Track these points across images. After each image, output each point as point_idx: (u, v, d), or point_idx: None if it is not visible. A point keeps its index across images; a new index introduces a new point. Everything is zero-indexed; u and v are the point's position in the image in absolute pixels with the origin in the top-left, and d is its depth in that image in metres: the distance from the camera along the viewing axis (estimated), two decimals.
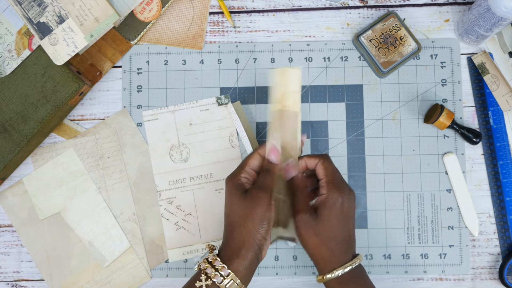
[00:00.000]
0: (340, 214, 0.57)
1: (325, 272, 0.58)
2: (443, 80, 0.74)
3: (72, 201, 0.73)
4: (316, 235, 0.57)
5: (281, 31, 0.75)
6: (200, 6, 0.75)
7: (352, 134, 0.74)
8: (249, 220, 0.56)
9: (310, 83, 0.74)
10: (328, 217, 0.57)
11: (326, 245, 0.57)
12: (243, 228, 0.57)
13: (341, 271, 0.57)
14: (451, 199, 0.73)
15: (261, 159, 0.61)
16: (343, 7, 0.75)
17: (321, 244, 0.57)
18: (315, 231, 0.57)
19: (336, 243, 0.57)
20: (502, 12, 0.62)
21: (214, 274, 0.55)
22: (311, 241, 0.58)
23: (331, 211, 0.57)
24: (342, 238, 0.57)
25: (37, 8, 0.68)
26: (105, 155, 0.74)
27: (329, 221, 0.57)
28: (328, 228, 0.57)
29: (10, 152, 0.69)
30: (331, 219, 0.57)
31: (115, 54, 0.74)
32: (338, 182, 0.58)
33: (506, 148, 0.73)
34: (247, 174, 0.60)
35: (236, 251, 0.56)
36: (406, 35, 0.72)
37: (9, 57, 0.70)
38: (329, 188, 0.58)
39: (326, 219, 0.57)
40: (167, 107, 0.74)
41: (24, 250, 0.74)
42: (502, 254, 0.72)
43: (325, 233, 0.57)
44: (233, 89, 0.75)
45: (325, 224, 0.57)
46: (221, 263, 0.56)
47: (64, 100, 0.69)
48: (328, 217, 0.57)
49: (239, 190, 0.58)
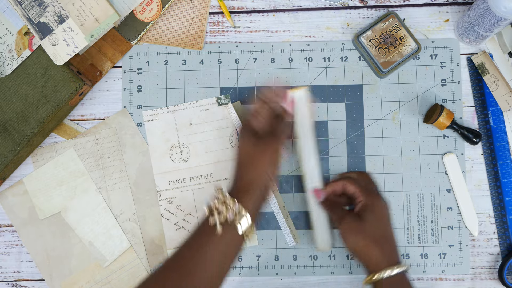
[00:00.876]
0: (382, 215, 0.62)
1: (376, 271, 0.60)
2: (443, 80, 0.74)
3: (72, 201, 0.73)
4: (364, 236, 0.61)
5: (281, 31, 0.75)
6: (200, 6, 0.75)
7: (352, 134, 0.74)
8: (260, 162, 0.60)
9: (310, 83, 0.74)
10: (372, 217, 0.62)
11: (375, 244, 0.60)
12: (254, 168, 0.60)
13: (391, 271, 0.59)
14: (451, 199, 0.73)
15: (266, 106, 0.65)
16: (343, 7, 0.75)
17: (370, 244, 0.60)
18: (362, 233, 0.61)
19: (384, 241, 0.61)
20: (502, 12, 0.62)
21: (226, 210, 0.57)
22: (360, 243, 0.61)
23: (374, 212, 0.62)
24: (384, 235, 0.61)
25: (37, 8, 0.68)
26: (105, 155, 0.74)
27: (374, 222, 0.61)
28: (374, 228, 0.61)
29: (10, 152, 0.69)
30: (375, 220, 0.62)
31: (115, 54, 0.74)
32: (371, 190, 0.65)
33: (506, 148, 0.73)
34: (256, 120, 0.65)
35: (245, 188, 0.59)
36: (406, 35, 0.72)
37: (10, 57, 0.70)
38: (364, 194, 0.64)
39: (371, 219, 0.61)
40: (167, 107, 0.74)
41: (24, 250, 0.74)
42: (502, 254, 0.72)
43: (373, 233, 0.61)
44: (233, 89, 0.75)
45: (371, 224, 0.61)
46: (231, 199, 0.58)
47: (64, 100, 0.69)
48: (372, 217, 0.62)
49: (250, 134, 0.63)
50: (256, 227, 0.57)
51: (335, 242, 0.72)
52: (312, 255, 0.73)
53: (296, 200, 0.73)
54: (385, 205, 0.64)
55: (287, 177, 0.73)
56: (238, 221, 0.56)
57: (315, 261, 0.73)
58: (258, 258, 0.73)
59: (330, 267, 0.72)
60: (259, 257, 0.73)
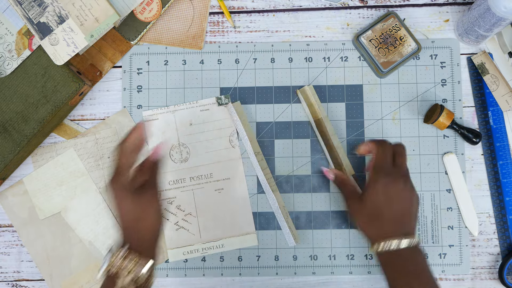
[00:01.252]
0: (383, 195, 0.61)
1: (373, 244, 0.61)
2: (443, 80, 0.74)
3: (72, 201, 0.73)
4: (363, 215, 0.62)
5: (281, 31, 0.75)
6: (200, 6, 0.75)
7: (352, 134, 0.74)
8: (147, 220, 0.58)
9: (310, 83, 0.74)
10: (371, 197, 0.61)
11: (373, 223, 0.61)
12: (141, 228, 0.58)
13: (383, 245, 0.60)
14: (451, 199, 0.73)
15: (133, 155, 0.60)
16: (343, 7, 0.75)
17: (368, 223, 0.62)
18: (362, 212, 0.62)
19: (382, 222, 0.61)
20: (502, 12, 0.62)
21: (132, 268, 0.55)
22: (360, 221, 0.63)
23: (373, 193, 0.61)
24: (390, 217, 0.61)
25: (37, 8, 0.68)
26: (105, 155, 0.74)
27: (373, 202, 0.61)
28: (372, 209, 0.61)
29: (10, 152, 0.69)
30: (375, 200, 0.61)
31: (115, 54, 0.74)
32: (385, 167, 0.62)
33: (506, 148, 0.73)
34: (125, 177, 0.58)
35: (142, 246, 0.58)
36: (406, 35, 0.72)
37: (10, 57, 0.70)
38: (373, 171, 0.63)
39: (369, 199, 0.62)
40: (167, 107, 0.74)
41: (24, 250, 0.74)
42: (502, 254, 0.72)
43: (371, 213, 0.61)
44: (233, 89, 0.75)
45: (368, 204, 0.62)
46: (135, 255, 0.56)
47: (64, 100, 0.69)
48: (371, 198, 0.61)
49: (127, 192, 0.58)
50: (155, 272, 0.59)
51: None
52: (312, 255, 0.73)
53: (296, 200, 0.73)
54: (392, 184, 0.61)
55: (287, 177, 0.73)
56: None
57: (315, 261, 0.73)
58: (258, 258, 0.73)
59: (330, 267, 0.72)
60: (259, 257, 0.73)
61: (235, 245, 0.73)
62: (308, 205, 0.73)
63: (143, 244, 0.58)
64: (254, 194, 0.73)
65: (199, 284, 0.73)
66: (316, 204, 0.73)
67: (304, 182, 0.73)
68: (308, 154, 0.74)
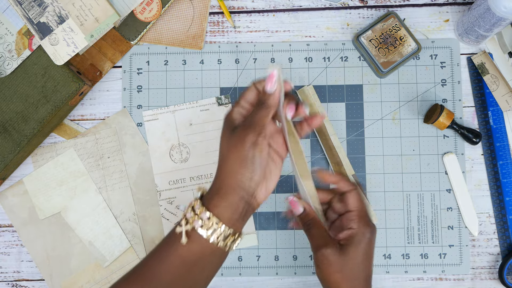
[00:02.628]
0: (367, 251, 0.53)
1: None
2: (443, 80, 0.74)
3: (72, 201, 0.73)
4: (339, 272, 0.52)
5: (281, 31, 0.75)
6: (200, 6, 0.75)
7: (352, 134, 0.74)
8: (231, 160, 0.49)
9: (310, 83, 0.74)
10: (355, 254, 0.53)
11: (348, 283, 0.53)
12: (224, 168, 0.50)
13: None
14: (451, 199, 0.73)
15: (257, 92, 0.53)
16: (343, 7, 0.75)
17: (342, 282, 0.53)
18: (338, 268, 0.52)
19: (358, 281, 0.53)
20: (502, 12, 0.62)
21: (193, 218, 0.49)
22: (332, 277, 0.53)
23: (359, 248, 0.53)
24: (364, 276, 0.54)
25: (37, 8, 0.68)
26: (105, 155, 0.74)
27: (356, 259, 0.53)
28: (353, 266, 0.52)
29: (10, 152, 0.69)
30: (358, 257, 0.53)
31: (115, 54, 0.74)
32: (367, 217, 0.54)
33: (506, 148, 0.73)
34: (241, 108, 0.52)
35: (219, 192, 0.50)
36: (406, 35, 0.72)
37: (10, 57, 0.70)
38: (360, 222, 0.54)
39: (353, 256, 0.52)
40: (167, 107, 0.74)
41: (24, 250, 0.74)
42: (502, 254, 0.72)
43: (350, 271, 0.52)
44: (233, 89, 0.75)
45: (350, 261, 0.52)
46: (200, 206, 0.49)
47: (64, 100, 0.69)
48: (355, 254, 0.53)
49: (229, 126, 0.51)
50: (241, 237, 0.51)
51: None
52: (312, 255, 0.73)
53: None
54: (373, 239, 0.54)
55: (287, 177, 0.73)
56: (207, 230, 0.48)
57: None
58: (258, 258, 0.73)
59: None
60: (259, 257, 0.73)
61: None
62: None
63: (219, 194, 0.50)
64: None
65: None
66: None
67: None
68: (308, 154, 0.74)
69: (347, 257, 0.52)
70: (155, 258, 0.51)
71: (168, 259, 0.50)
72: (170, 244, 0.50)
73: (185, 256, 0.49)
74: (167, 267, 0.50)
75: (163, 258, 0.50)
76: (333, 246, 0.53)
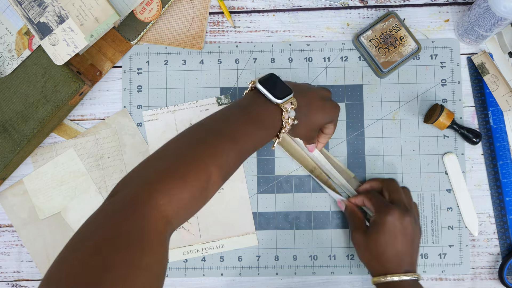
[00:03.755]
0: (390, 232, 0.63)
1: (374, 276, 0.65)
2: (443, 80, 0.74)
3: (72, 201, 0.73)
4: (368, 250, 0.65)
5: (281, 31, 0.75)
6: (200, 6, 0.75)
7: (352, 134, 0.74)
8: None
9: (310, 83, 0.74)
10: (376, 235, 0.64)
11: (376, 259, 0.64)
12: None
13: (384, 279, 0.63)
14: (451, 199, 0.73)
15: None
16: (343, 7, 0.75)
17: (372, 259, 0.65)
18: (366, 247, 0.65)
19: (385, 258, 0.63)
20: (502, 12, 0.62)
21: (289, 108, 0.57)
22: (364, 255, 0.66)
23: (380, 231, 0.63)
24: (393, 252, 0.63)
25: (37, 8, 0.68)
26: (105, 155, 0.74)
27: (376, 239, 0.64)
28: (376, 245, 0.64)
29: (10, 152, 0.69)
30: (378, 238, 0.63)
31: (115, 54, 0.74)
32: (385, 205, 0.65)
33: (506, 148, 0.73)
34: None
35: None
36: (406, 35, 0.72)
37: (9, 57, 0.70)
38: (376, 212, 0.65)
39: (374, 237, 0.64)
40: (167, 107, 0.74)
41: (24, 250, 0.74)
42: (502, 254, 0.72)
43: (374, 249, 0.64)
44: (233, 89, 0.75)
45: (373, 241, 0.64)
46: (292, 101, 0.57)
47: (64, 100, 0.69)
48: (375, 236, 0.64)
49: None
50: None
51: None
52: (312, 255, 0.73)
53: (296, 200, 0.73)
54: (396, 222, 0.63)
55: (287, 177, 0.73)
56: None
57: (315, 261, 0.73)
58: (258, 258, 0.73)
59: (330, 267, 0.72)
60: (259, 257, 0.73)
61: (235, 245, 0.73)
62: (308, 205, 0.73)
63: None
64: (254, 194, 0.73)
65: (199, 284, 0.73)
66: (316, 204, 0.73)
67: (304, 182, 0.73)
68: None
69: (369, 238, 0.65)
70: (253, 120, 0.55)
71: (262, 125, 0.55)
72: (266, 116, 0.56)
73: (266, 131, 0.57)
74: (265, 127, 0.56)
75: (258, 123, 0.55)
76: (361, 229, 0.67)
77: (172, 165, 0.47)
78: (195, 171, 0.47)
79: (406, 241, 0.63)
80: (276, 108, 0.56)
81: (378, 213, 0.64)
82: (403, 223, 0.63)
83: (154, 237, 0.43)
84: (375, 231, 0.64)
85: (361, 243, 0.66)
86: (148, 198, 0.44)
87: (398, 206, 0.65)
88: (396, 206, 0.65)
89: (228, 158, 0.51)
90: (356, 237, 0.67)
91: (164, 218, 0.44)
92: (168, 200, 0.45)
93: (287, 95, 0.56)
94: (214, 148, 0.50)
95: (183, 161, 0.48)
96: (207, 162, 0.48)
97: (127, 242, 0.41)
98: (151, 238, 0.42)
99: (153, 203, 0.44)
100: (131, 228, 0.42)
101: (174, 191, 0.45)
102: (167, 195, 0.45)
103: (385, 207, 0.64)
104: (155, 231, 0.43)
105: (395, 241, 0.63)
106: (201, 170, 0.48)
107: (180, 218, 0.47)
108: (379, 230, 0.63)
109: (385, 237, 0.63)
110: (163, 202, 0.44)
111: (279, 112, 0.56)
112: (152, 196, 0.44)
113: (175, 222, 0.46)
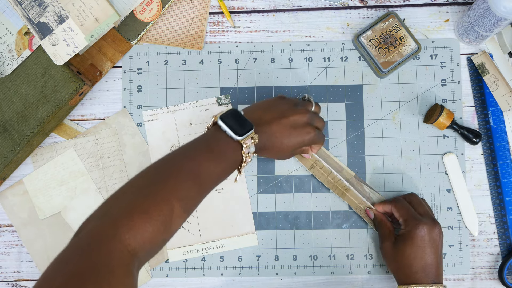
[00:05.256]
0: (418, 245, 0.64)
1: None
2: (443, 80, 0.74)
3: (72, 201, 0.73)
4: (396, 261, 0.65)
5: (281, 31, 0.75)
6: (200, 6, 0.75)
7: (352, 134, 0.74)
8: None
9: (310, 83, 0.74)
10: (404, 248, 0.64)
11: (402, 270, 0.65)
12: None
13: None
14: (451, 199, 0.73)
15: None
16: (343, 7, 0.75)
17: (398, 269, 0.65)
18: (395, 258, 0.66)
19: (411, 270, 0.64)
20: (502, 12, 0.62)
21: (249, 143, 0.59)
22: (391, 265, 0.67)
23: (406, 244, 0.64)
24: (421, 265, 0.64)
25: (37, 8, 0.68)
26: (105, 155, 0.74)
27: (404, 252, 0.64)
28: (403, 257, 0.64)
29: (10, 152, 0.69)
30: (406, 250, 0.64)
31: (115, 54, 0.74)
32: (414, 218, 0.65)
33: (506, 148, 0.73)
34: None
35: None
36: (406, 35, 0.72)
37: (10, 57, 0.70)
38: (405, 224, 0.66)
39: (402, 249, 0.65)
40: (167, 107, 0.74)
41: (24, 250, 0.74)
42: (502, 254, 0.72)
43: (401, 261, 0.65)
44: (233, 89, 0.75)
45: (400, 253, 0.65)
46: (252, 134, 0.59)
47: (64, 100, 0.69)
48: (404, 248, 0.64)
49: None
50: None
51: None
52: (312, 255, 0.73)
53: (296, 200, 0.73)
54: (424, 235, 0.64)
55: (287, 177, 0.73)
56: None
57: (315, 261, 0.73)
58: (258, 258, 0.73)
59: (330, 267, 0.73)
60: (259, 257, 0.73)
61: (235, 245, 0.73)
62: (308, 205, 0.73)
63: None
64: (254, 194, 0.73)
65: (199, 284, 0.73)
66: (316, 204, 0.73)
67: (304, 182, 0.73)
68: None
69: (397, 249, 0.65)
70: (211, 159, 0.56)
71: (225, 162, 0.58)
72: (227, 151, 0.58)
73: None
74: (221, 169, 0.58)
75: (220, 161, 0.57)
76: (390, 240, 0.67)
77: (135, 200, 0.50)
78: (157, 205, 0.50)
79: (434, 254, 0.64)
80: (237, 143, 0.58)
81: (407, 226, 0.65)
82: (432, 236, 0.64)
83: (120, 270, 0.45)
84: (403, 243, 0.65)
85: (389, 254, 0.66)
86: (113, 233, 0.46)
87: (426, 218, 0.65)
88: (425, 219, 0.65)
89: (190, 192, 0.53)
90: (385, 247, 0.67)
91: (129, 252, 0.47)
92: (132, 235, 0.47)
93: (248, 131, 0.58)
94: (176, 184, 0.53)
95: (146, 196, 0.50)
96: (169, 197, 0.51)
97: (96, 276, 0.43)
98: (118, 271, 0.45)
99: (118, 238, 0.46)
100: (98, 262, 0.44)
101: (139, 225, 0.48)
102: (132, 229, 0.47)
103: (414, 220, 0.65)
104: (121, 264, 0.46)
105: (424, 254, 0.64)
106: (164, 205, 0.50)
107: (146, 251, 0.49)
108: (407, 244, 0.64)
109: (413, 250, 0.64)
110: (128, 236, 0.47)
111: (239, 147, 0.58)
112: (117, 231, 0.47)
113: (142, 255, 0.49)
